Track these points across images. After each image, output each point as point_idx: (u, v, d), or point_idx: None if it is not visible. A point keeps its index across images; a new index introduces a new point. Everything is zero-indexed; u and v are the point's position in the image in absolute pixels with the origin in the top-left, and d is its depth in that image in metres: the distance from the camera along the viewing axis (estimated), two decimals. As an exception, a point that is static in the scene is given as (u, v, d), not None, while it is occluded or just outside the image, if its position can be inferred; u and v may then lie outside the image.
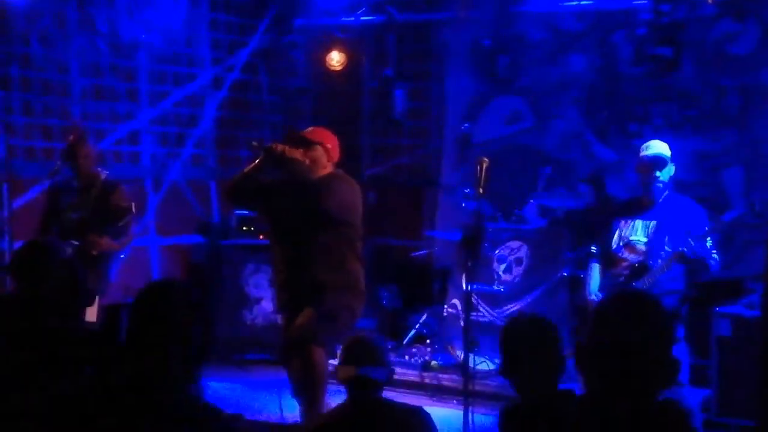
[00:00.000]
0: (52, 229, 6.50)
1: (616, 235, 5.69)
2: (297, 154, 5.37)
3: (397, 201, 8.87)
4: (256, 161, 5.43)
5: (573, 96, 8.25)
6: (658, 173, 5.51)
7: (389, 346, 7.77)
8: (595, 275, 5.75)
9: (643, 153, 5.60)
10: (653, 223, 5.56)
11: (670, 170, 5.56)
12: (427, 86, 8.98)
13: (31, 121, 7.57)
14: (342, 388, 4.04)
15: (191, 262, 8.67)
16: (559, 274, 7.02)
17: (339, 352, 4.07)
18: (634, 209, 5.68)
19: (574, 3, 8.01)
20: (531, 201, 7.32)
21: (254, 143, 5.55)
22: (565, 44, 8.29)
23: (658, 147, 5.59)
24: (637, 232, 5.61)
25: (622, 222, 5.69)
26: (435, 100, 8.99)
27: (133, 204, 6.54)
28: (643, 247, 5.55)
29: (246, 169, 5.52)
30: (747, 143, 7.63)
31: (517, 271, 7.27)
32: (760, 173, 7.47)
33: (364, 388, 3.86)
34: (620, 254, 5.64)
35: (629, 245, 5.61)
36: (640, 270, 5.49)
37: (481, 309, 7.11)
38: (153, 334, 2.75)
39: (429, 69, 8.97)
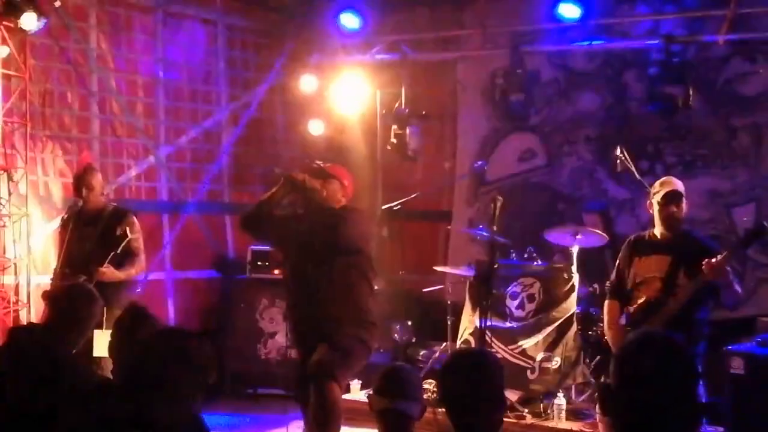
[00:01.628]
0: (68, 261, 6.44)
1: (631, 272, 5.70)
2: (316, 184, 5.46)
3: (410, 236, 8.92)
4: (275, 189, 5.50)
5: (585, 134, 8.33)
6: (674, 209, 5.54)
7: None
8: (611, 312, 5.76)
9: (660, 189, 5.61)
10: (668, 258, 5.57)
11: (684, 206, 5.60)
12: (441, 123, 9.06)
13: (50, 156, 7.65)
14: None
15: (206, 297, 8.72)
16: (571, 311, 7.04)
17: (375, 381, 3.87)
18: (649, 246, 5.69)
19: (586, 43, 8.09)
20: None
21: (276, 169, 5.61)
22: (577, 83, 8.38)
23: (673, 183, 5.63)
24: (652, 268, 5.62)
25: (637, 259, 5.71)
26: (449, 137, 9.07)
27: (130, 231, 6.26)
28: (658, 284, 5.57)
29: (264, 197, 5.58)
30: (759, 182, 7.67)
31: (530, 307, 7.28)
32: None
33: (397, 423, 3.74)
34: (636, 291, 5.65)
35: (645, 282, 5.63)
36: (656, 306, 5.49)
37: (494, 345, 7.13)
38: None
39: (443, 106, 9.06)
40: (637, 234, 5.93)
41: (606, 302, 5.84)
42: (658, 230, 5.65)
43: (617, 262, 5.90)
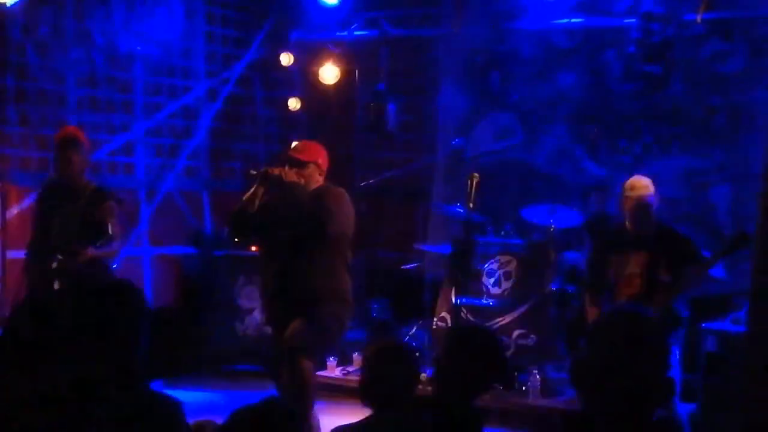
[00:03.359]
0: (43, 237, 6.40)
1: (609, 270, 5.72)
2: (293, 176, 5.44)
3: (388, 214, 8.91)
4: (253, 188, 5.48)
5: (563, 112, 8.33)
6: (645, 213, 5.58)
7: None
8: (592, 313, 5.77)
9: (630, 194, 5.62)
10: (646, 255, 5.60)
11: (654, 197, 5.63)
12: (420, 101, 9.03)
13: (26, 131, 7.60)
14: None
15: (183, 273, 8.69)
16: (547, 289, 7.07)
17: (363, 363, 3.79)
18: (624, 242, 5.71)
19: (566, 21, 8.08)
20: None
21: (252, 171, 5.58)
22: (556, 61, 8.37)
23: (644, 187, 5.63)
24: (631, 265, 5.64)
25: (613, 256, 5.72)
26: (427, 115, 9.05)
27: (113, 222, 6.24)
28: (639, 281, 5.59)
29: (243, 199, 5.56)
30: (735, 161, 7.70)
31: (506, 285, 7.30)
32: (748, 191, 7.53)
33: (390, 406, 3.54)
34: (617, 289, 5.67)
35: (625, 279, 5.65)
36: (637, 303, 5.51)
37: (470, 322, 7.14)
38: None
39: (422, 84, 9.03)
40: (610, 228, 5.94)
41: (586, 299, 5.85)
42: (630, 225, 5.68)
43: (591, 257, 5.92)
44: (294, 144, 5.91)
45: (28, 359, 3.08)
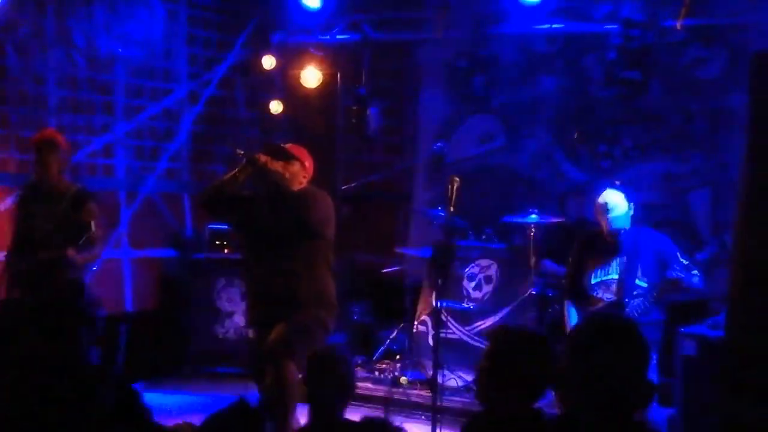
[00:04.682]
0: (23, 238, 6.37)
1: (586, 274, 5.76)
2: (278, 166, 5.45)
3: (369, 217, 8.92)
4: (236, 170, 5.49)
5: (544, 117, 8.37)
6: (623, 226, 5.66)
7: (358, 361, 7.84)
8: (572, 316, 5.81)
9: (607, 216, 5.71)
10: (622, 259, 5.65)
11: (628, 213, 5.68)
12: (401, 105, 9.06)
13: (6, 132, 7.56)
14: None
15: (163, 276, 8.67)
16: (527, 293, 7.10)
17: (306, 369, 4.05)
18: (601, 247, 5.77)
19: (547, 26, 8.12)
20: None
21: (240, 151, 5.59)
22: (538, 66, 8.42)
23: (618, 207, 5.69)
24: (608, 270, 5.70)
25: (591, 260, 5.77)
26: (409, 119, 9.08)
27: (96, 223, 6.22)
28: (616, 285, 5.64)
29: (224, 177, 5.57)
30: (714, 166, 7.77)
31: (487, 288, 7.35)
32: (727, 196, 7.60)
33: (326, 408, 3.86)
34: (595, 294, 5.71)
35: (603, 284, 5.69)
36: (615, 308, 5.56)
37: (451, 326, 7.18)
38: None
39: (403, 87, 9.05)
40: (588, 232, 6.00)
41: (565, 303, 5.89)
42: (608, 237, 5.74)
43: (570, 260, 5.96)
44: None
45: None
